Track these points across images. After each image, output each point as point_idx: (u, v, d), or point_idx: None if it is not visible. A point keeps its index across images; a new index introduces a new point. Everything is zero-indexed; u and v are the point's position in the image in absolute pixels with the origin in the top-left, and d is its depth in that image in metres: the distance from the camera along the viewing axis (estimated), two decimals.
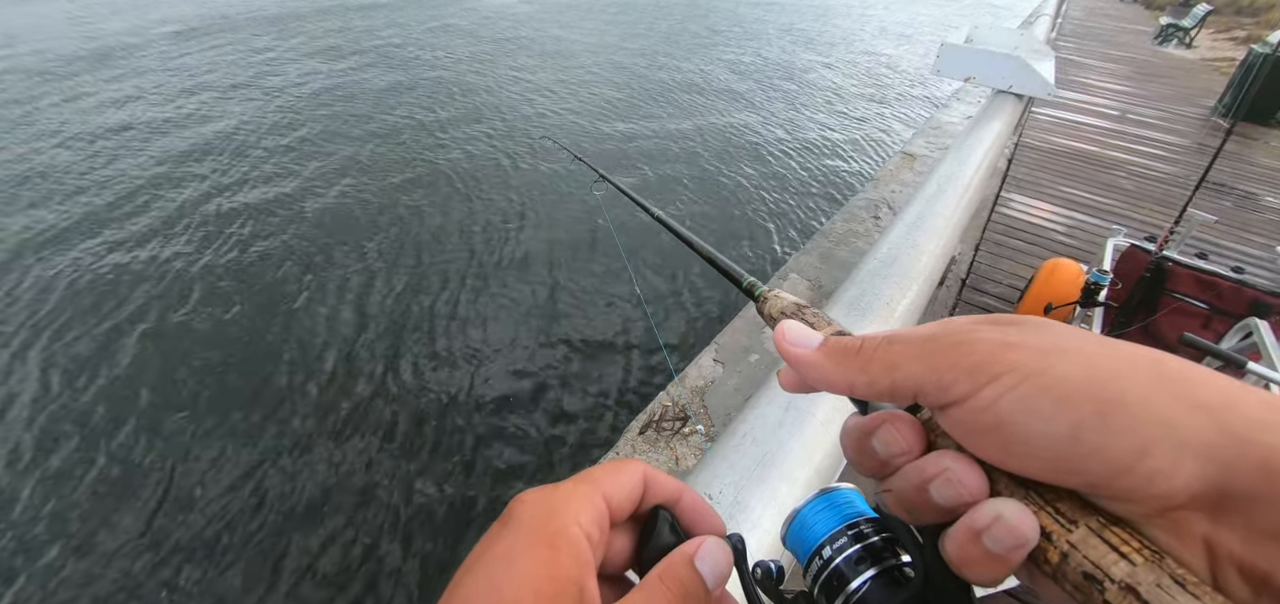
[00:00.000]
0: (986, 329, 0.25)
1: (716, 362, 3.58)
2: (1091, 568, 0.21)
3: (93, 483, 3.45)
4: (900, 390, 0.27)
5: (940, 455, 0.26)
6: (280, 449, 3.67)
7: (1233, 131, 2.62)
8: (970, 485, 0.24)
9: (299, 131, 8.24)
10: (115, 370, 4.21)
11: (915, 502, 0.26)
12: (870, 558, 0.30)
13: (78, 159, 7.32)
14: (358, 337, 4.55)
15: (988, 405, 0.23)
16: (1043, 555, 0.22)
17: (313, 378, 4.17)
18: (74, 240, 5.66)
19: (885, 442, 0.27)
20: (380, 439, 3.77)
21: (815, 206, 6.97)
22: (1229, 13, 16.91)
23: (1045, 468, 0.22)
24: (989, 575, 0.23)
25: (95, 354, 4.34)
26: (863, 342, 0.29)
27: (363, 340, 4.53)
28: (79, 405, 3.93)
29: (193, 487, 3.43)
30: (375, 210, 6.29)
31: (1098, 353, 0.23)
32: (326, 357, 4.35)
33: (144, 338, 4.50)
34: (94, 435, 3.73)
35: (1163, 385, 0.21)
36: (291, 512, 3.33)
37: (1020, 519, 0.22)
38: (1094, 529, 0.22)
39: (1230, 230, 5.12)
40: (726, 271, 0.46)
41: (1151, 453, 0.20)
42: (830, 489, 0.35)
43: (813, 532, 0.33)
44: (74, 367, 4.22)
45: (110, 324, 4.63)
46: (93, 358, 4.30)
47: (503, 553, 0.26)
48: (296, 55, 11.80)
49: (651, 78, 11.40)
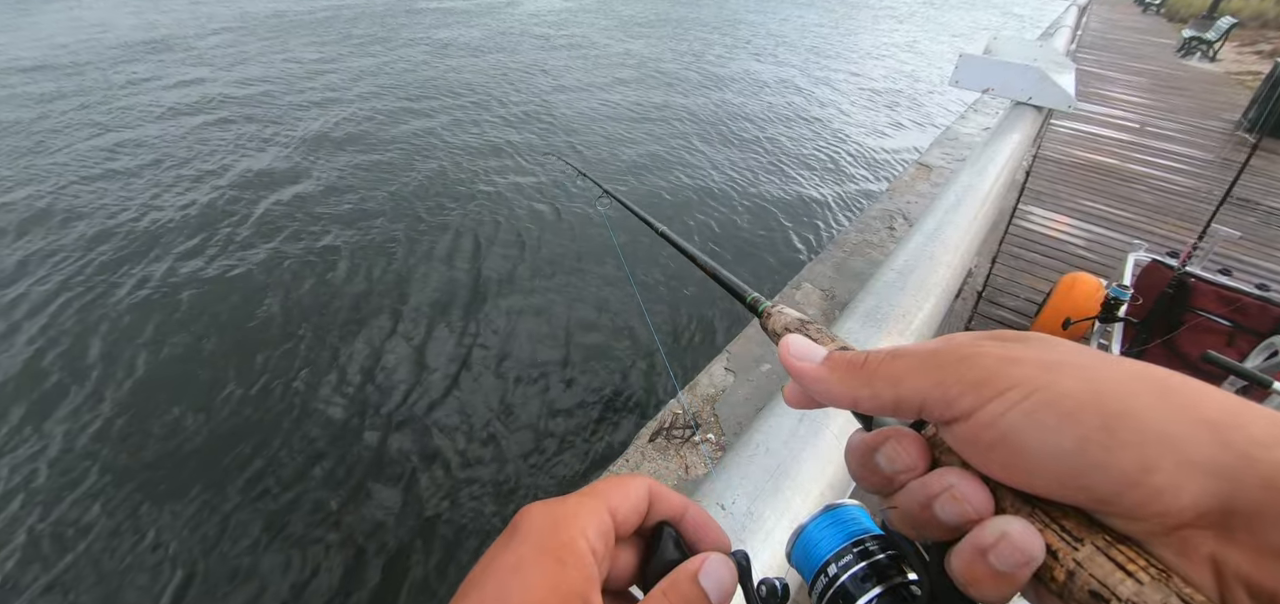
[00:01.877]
0: (991, 344, 0.25)
1: (728, 371, 3.57)
2: (1098, 586, 0.21)
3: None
4: (905, 406, 0.27)
5: (944, 473, 0.25)
6: (280, 455, 3.72)
7: (1258, 146, 2.57)
8: (975, 503, 0.24)
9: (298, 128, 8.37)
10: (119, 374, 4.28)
11: (920, 519, 0.26)
12: (876, 576, 0.30)
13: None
14: (355, 351, 4.60)
15: (992, 421, 0.23)
16: (1049, 573, 0.22)
17: (309, 387, 4.22)
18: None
19: (889, 458, 0.27)
20: (380, 453, 3.80)
21: (832, 219, 6.94)
22: (1254, 26, 16.64)
23: (1050, 484, 0.22)
24: (995, 594, 0.23)
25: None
26: (867, 356, 0.29)
27: (361, 356, 4.57)
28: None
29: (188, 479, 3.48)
30: (373, 227, 6.36)
31: (1101, 369, 0.22)
32: (324, 368, 4.40)
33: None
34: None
35: (1167, 401, 0.21)
36: (291, 518, 3.36)
37: (1026, 537, 0.22)
38: (1100, 547, 0.21)
39: (1255, 247, 5.01)
40: (730, 287, 0.46)
41: (1157, 468, 0.20)
42: (836, 506, 0.34)
43: (818, 549, 0.33)
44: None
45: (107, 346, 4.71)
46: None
47: (509, 564, 0.26)
48: (295, 60, 11.99)
49: (675, 89, 11.43)
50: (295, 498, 3.43)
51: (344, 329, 4.69)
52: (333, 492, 3.47)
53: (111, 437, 3.76)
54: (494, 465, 3.68)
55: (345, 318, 4.82)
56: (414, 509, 3.39)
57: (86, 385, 4.12)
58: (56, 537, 3.20)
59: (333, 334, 4.63)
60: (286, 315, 4.82)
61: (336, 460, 3.65)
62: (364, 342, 4.57)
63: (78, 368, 4.27)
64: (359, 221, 6.22)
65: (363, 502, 3.42)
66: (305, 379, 4.21)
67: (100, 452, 3.66)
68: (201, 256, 5.53)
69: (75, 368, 4.27)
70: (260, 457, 3.66)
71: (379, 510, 3.37)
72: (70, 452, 3.66)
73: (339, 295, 5.09)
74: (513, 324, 4.84)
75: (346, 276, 5.33)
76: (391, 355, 4.46)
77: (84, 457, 3.62)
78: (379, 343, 4.57)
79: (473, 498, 3.48)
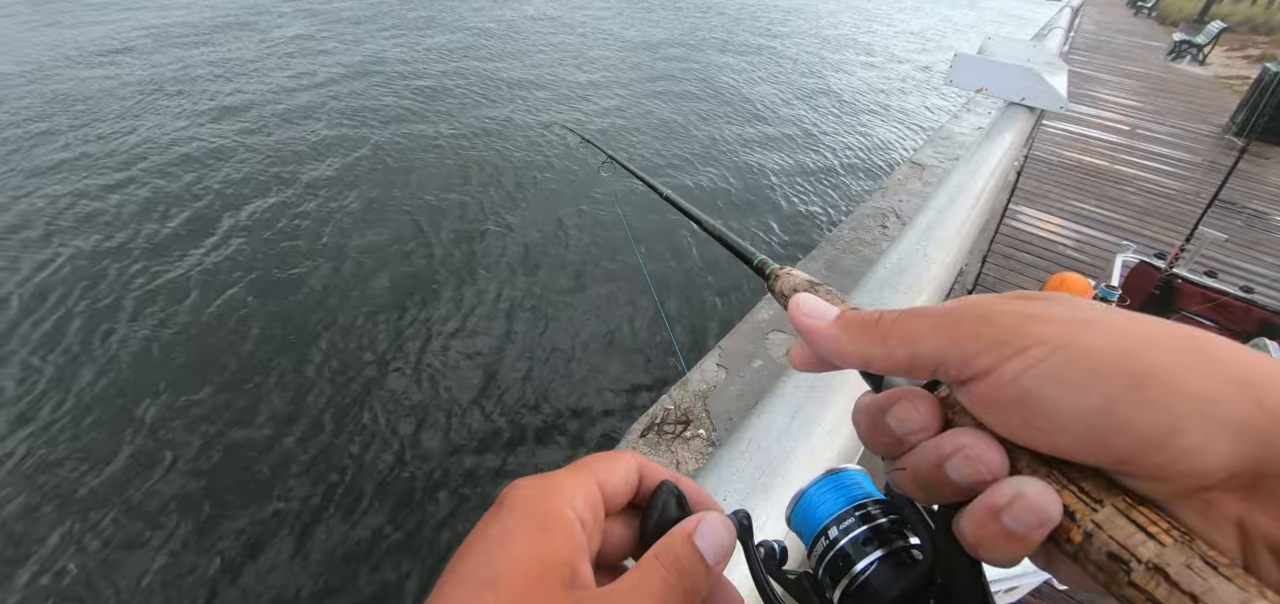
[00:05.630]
0: (1011, 302, 0.25)
1: (720, 366, 3.57)
2: (1117, 548, 0.20)
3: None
4: (919, 364, 0.26)
5: (958, 433, 0.25)
6: (274, 436, 3.70)
7: (1246, 150, 2.60)
8: (990, 463, 0.23)
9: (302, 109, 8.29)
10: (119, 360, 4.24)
11: (931, 480, 0.25)
12: (877, 539, 0.30)
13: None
14: (350, 335, 4.57)
15: (1013, 378, 0.23)
16: (1065, 534, 0.22)
17: (309, 366, 4.20)
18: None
19: (901, 418, 0.27)
20: (371, 436, 3.78)
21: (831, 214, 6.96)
22: (1243, 30, 16.81)
23: (1070, 444, 0.22)
24: (1007, 555, 0.23)
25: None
26: (881, 315, 0.28)
27: (357, 337, 4.55)
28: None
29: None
30: (373, 207, 6.32)
31: (1128, 326, 0.22)
32: (315, 345, 4.38)
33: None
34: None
35: (1196, 359, 0.20)
36: (285, 498, 3.35)
37: (1043, 497, 0.21)
38: (1120, 509, 0.21)
39: (1240, 249, 5.08)
40: (738, 250, 0.45)
41: (1185, 429, 0.19)
42: (837, 470, 0.34)
43: (819, 512, 0.32)
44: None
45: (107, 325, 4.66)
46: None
47: (496, 534, 0.26)
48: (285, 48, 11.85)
49: (682, 80, 11.41)
50: (275, 475, 3.41)
51: (311, 332, 4.67)
52: (297, 481, 3.45)
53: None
54: (473, 456, 3.68)
55: (316, 320, 4.79)
56: (389, 498, 3.39)
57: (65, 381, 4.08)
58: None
59: (294, 334, 4.60)
60: (277, 312, 4.79)
61: (308, 455, 3.63)
62: (343, 324, 4.55)
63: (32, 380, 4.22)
64: (334, 225, 6.17)
65: (335, 496, 3.41)
66: (265, 372, 4.19)
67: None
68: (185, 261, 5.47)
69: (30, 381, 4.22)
70: (263, 459, 3.64)
71: (354, 494, 3.36)
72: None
73: (302, 302, 5.06)
74: (504, 309, 4.83)
75: (314, 280, 5.29)
76: (379, 341, 4.44)
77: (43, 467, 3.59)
78: (363, 328, 4.55)
79: (458, 479, 3.48)
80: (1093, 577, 0.21)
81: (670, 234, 5.95)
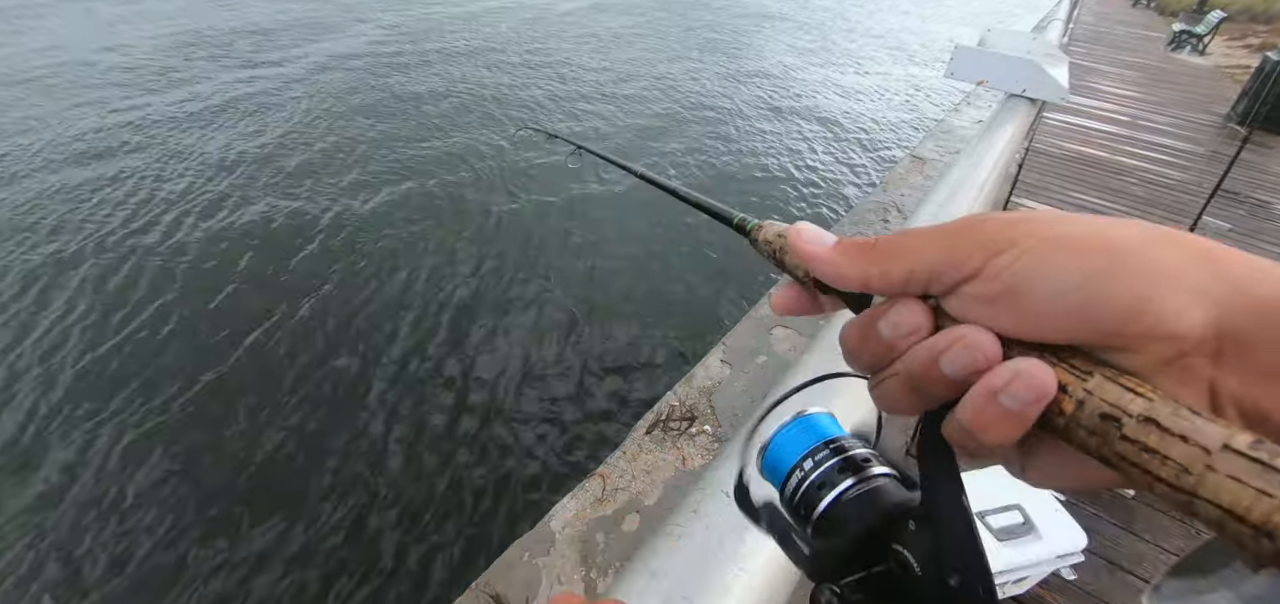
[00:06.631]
0: (997, 214, 0.26)
1: (724, 363, 3.58)
2: (1109, 408, 0.22)
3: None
4: (915, 279, 0.27)
5: (952, 328, 0.26)
6: (272, 438, 3.71)
7: (1249, 139, 2.60)
8: (986, 348, 0.24)
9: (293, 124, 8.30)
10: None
11: (924, 377, 0.26)
12: (851, 470, 0.31)
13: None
14: (343, 341, 4.58)
15: (1001, 271, 0.24)
16: (1057, 407, 0.23)
17: (309, 363, 4.21)
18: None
19: (894, 324, 0.27)
20: (366, 438, 3.79)
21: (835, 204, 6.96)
22: (1243, 19, 16.75)
23: (1058, 324, 0.23)
24: (1001, 436, 0.24)
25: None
26: (877, 238, 0.29)
27: (347, 344, 4.56)
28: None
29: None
30: (356, 217, 6.33)
31: (1102, 219, 0.24)
32: (309, 351, 4.39)
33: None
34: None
35: (1166, 240, 0.23)
36: (303, 498, 3.36)
37: (1040, 371, 0.23)
38: (1109, 377, 0.22)
39: (1242, 239, 5.07)
40: (716, 213, 0.45)
41: (1161, 297, 0.22)
42: (806, 412, 0.35)
43: (792, 448, 0.34)
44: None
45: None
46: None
47: None
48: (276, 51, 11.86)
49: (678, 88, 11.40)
50: (274, 479, 3.42)
51: (295, 332, 4.68)
52: (304, 476, 3.47)
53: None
54: (485, 455, 3.69)
55: (298, 329, 4.80)
56: (395, 491, 3.40)
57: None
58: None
59: (301, 326, 4.61)
60: (260, 312, 4.80)
61: (305, 444, 3.65)
62: (335, 331, 4.56)
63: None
64: (305, 234, 6.18)
65: (345, 481, 3.42)
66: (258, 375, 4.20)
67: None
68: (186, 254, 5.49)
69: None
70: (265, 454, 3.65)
71: (355, 492, 3.37)
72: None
73: (292, 306, 5.07)
74: (498, 313, 4.84)
75: (299, 301, 5.31)
76: (370, 345, 4.45)
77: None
78: (351, 335, 4.56)
79: (461, 485, 3.49)
80: (1082, 444, 0.23)
81: (669, 233, 5.96)
